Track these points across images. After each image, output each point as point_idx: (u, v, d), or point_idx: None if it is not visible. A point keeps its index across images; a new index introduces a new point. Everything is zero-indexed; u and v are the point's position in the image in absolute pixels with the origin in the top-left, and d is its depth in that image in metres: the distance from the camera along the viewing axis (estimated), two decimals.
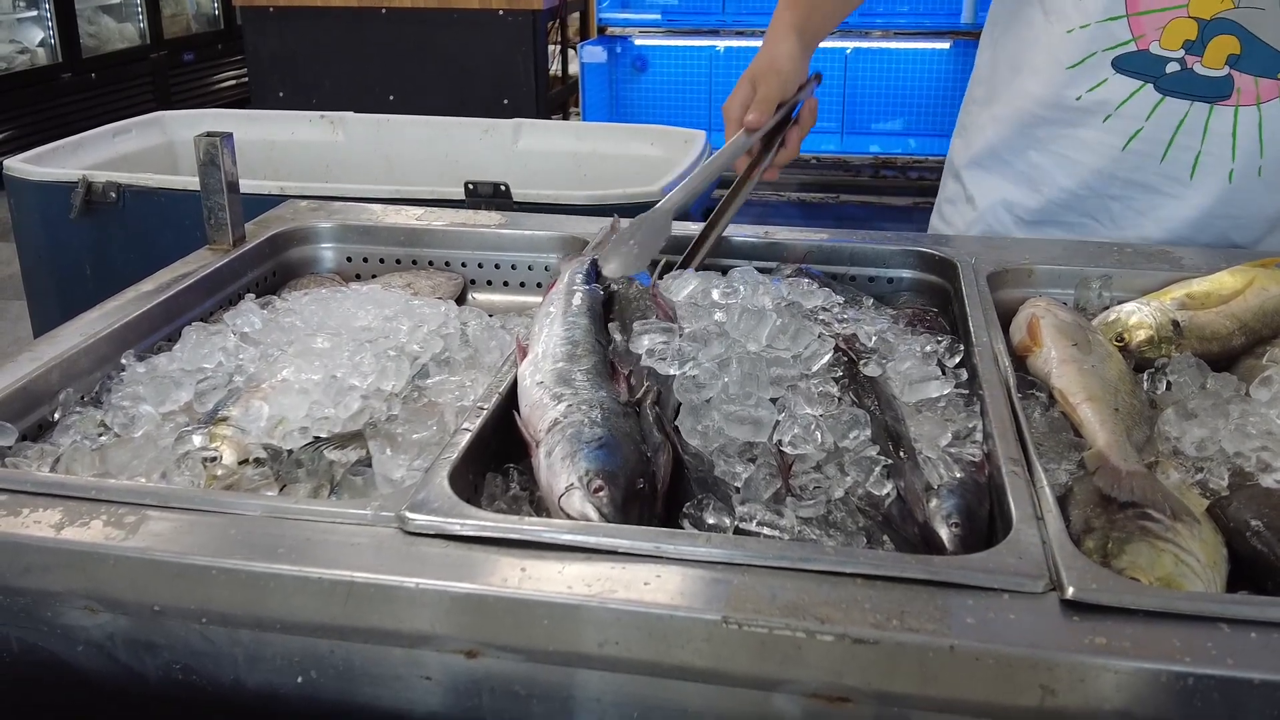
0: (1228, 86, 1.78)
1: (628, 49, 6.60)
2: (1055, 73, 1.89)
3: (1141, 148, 1.85)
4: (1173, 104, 1.81)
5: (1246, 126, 1.80)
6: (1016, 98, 1.97)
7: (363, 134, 3.62)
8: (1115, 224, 1.93)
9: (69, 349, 1.42)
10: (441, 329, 1.51)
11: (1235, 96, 1.78)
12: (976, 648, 0.90)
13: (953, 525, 1.10)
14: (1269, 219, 1.88)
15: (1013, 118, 1.98)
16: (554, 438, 1.15)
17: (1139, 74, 1.82)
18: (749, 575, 0.98)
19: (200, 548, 1.03)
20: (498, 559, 1.01)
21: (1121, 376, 1.36)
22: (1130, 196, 1.90)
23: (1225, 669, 0.88)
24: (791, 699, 0.95)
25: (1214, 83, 1.78)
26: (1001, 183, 2.02)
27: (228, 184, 1.75)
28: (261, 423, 1.28)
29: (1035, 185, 1.97)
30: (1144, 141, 1.85)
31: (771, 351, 1.35)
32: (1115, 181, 1.90)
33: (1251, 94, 1.78)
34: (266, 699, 1.05)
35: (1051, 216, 1.97)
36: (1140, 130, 1.84)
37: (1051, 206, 1.96)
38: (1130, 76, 1.82)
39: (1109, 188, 1.91)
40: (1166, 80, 1.80)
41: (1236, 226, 1.88)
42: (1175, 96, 1.80)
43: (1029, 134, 1.96)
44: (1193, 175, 1.84)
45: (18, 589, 1.07)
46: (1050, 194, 1.96)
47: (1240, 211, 1.86)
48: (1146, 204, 1.89)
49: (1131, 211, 1.91)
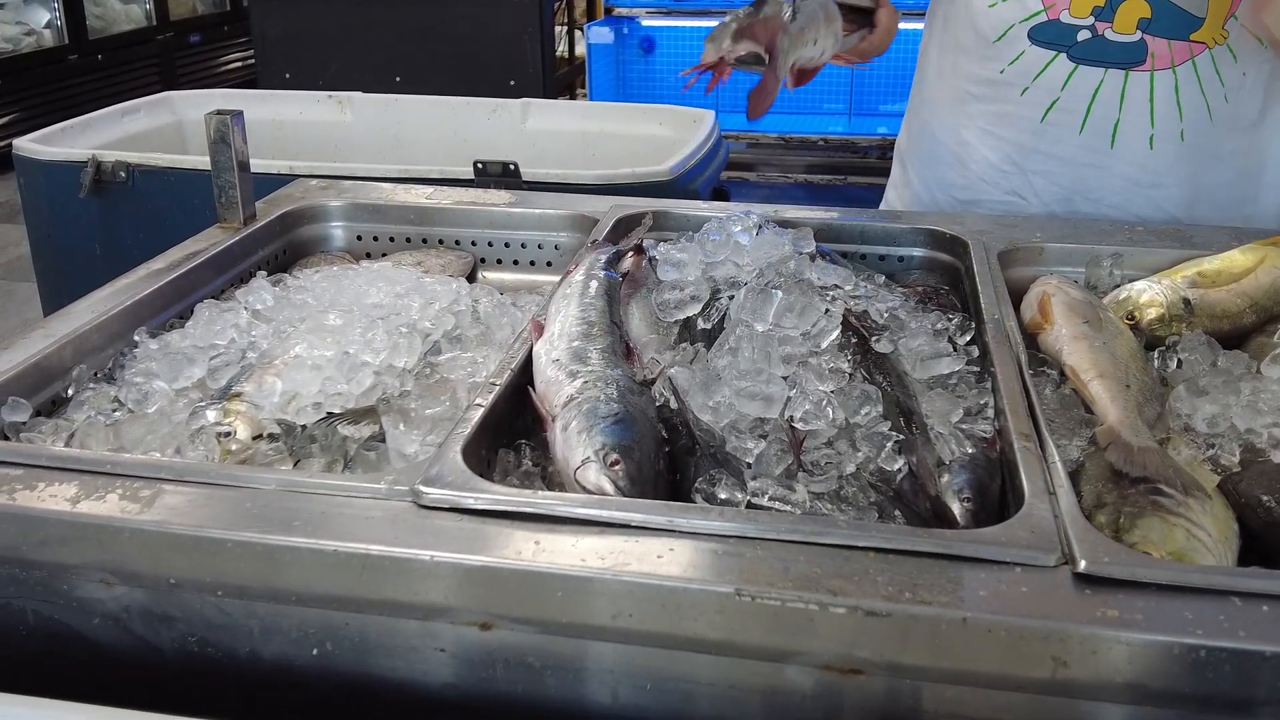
0: (1141, 51, 1.76)
1: (635, 29, 6.58)
2: (982, 48, 1.88)
3: (1060, 119, 1.84)
4: (1087, 72, 1.79)
5: (1164, 91, 1.77)
6: (951, 77, 1.97)
7: (371, 114, 3.62)
8: (1040, 199, 1.91)
9: (82, 326, 1.43)
10: (453, 306, 1.52)
11: (1150, 61, 1.76)
12: (989, 620, 0.91)
13: (964, 500, 1.11)
14: (1199, 184, 1.85)
15: (947, 97, 1.98)
16: (570, 413, 1.15)
17: (1052, 44, 1.80)
18: (762, 549, 0.99)
19: (216, 521, 1.04)
20: (512, 532, 1.01)
21: (1132, 354, 1.36)
22: (1052, 171, 1.88)
23: (1237, 641, 0.88)
24: (804, 671, 0.95)
25: (1127, 48, 1.76)
26: (937, 164, 2.02)
27: (238, 162, 1.75)
28: (275, 398, 1.28)
29: (964, 163, 1.96)
30: (1061, 112, 1.83)
31: (780, 329, 1.36)
32: (1037, 155, 1.88)
33: (1166, 58, 1.76)
34: (282, 671, 1.06)
35: (980, 194, 1.96)
36: (1057, 101, 1.82)
37: (979, 184, 1.95)
38: (1044, 47, 1.81)
39: (1030, 162, 1.89)
40: (1079, 48, 1.78)
41: (1167, 196, 1.85)
42: (1089, 64, 1.78)
43: (960, 111, 1.95)
44: (1113, 144, 1.82)
45: (34, 562, 1.07)
46: (978, 170, 1.94)
47: (1168, 179, 1.84)
48: (1070, 178, 1.87)
49: (1056, 186, 1.89)
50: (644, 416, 1.18)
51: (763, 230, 1.58)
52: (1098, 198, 1.87)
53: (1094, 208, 1.88)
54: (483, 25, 5.20)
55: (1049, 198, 1.90)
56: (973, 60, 1.91)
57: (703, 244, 1.55)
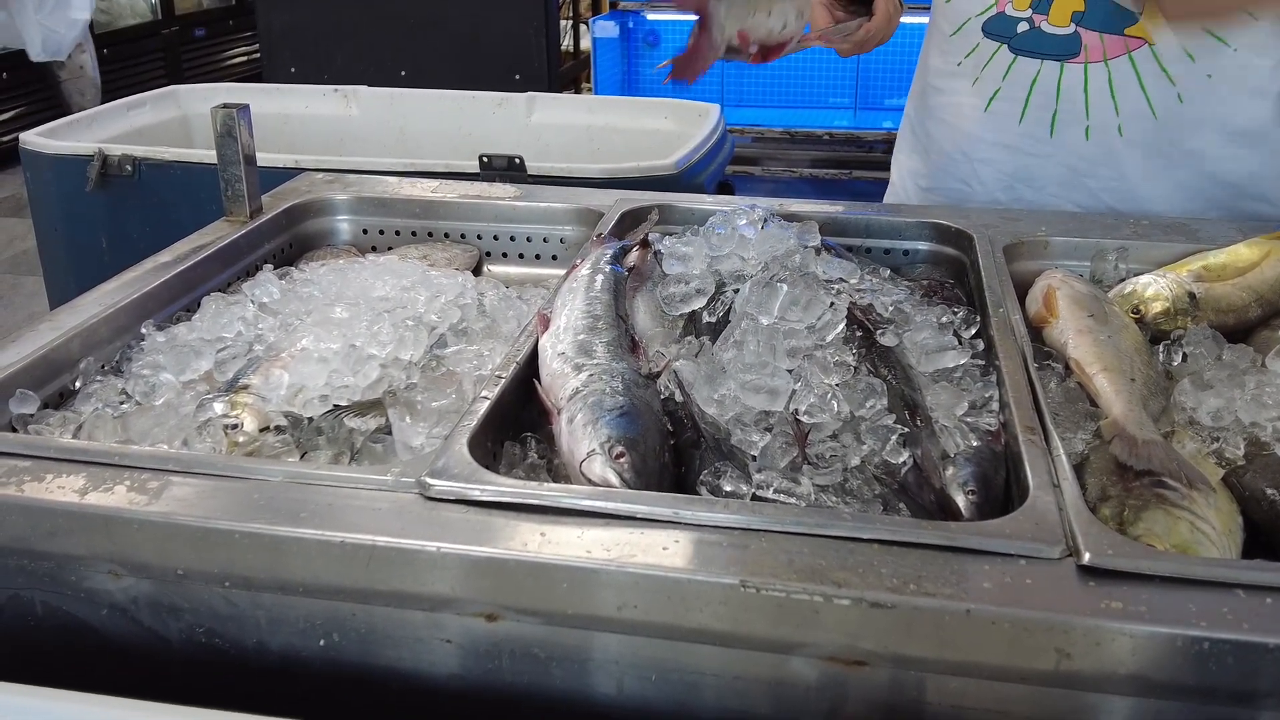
0: (1075, 44, 1.80)
1: (640, 23, 6.57)
2: (943, 42, 1.94)
3: (1001, 108, 1.88)
4: (1025, 63, 1.84)
5: (1098, 83, 1.81)
6: (922, 71, 2.04)
7: (376, 107, 3.62)
8: (986, 188, 1.95)
9: (89, 318, 1.43)
10: (459, 299, 1.52)
11: (1083, 54, 1.80)
12: (993, 612, 0.91)
13: (969, 493, 1.11)
14: (1146, 176, 1.86)
15: (919, 92, 2.05)
16: (575, 405, 1.16)
17: (997, 35, 1.85)
18: (766, 540, 0.99)
19: (224, 512, 1.04)
20: (518, 524, 1.02)
21: (1137, 347, 1.36)
22: (995, 159, 1.92)
23: (1241, 633, 0.89)
24: (808, 662, 0.96)
25: (1061, 40, 1.80)
26: (910, 156, 2.09)
27: (245, 156, 1.75)
28: (282, 391, 1.29)
29: (926, 152, 2.03)
30: (1003, 101, 1.88)
31: (784, 324, 1.36)
32: (982, 144, 1.93)
33: (1098, 50, 1.79)
34: (289, 661, 1.07)
35: (938, 183, 2.02)
36: (999, 90, 1.87)
37: (936, 173, 2.01)
38: (992, 39, 1.86)
39: (976, 150, 1.93)
40: (1018, 40, 1.83)
41: (1105, 188, 1.88)
42: (1026, 55, 1.83)
43: (925, 104, 2.02)
44: (1052, 134, 1.86)
45: (42, 553, 1.08)
46: (935, 160, 2.01)
47: (1106, 171, 1.87)
48: (1013, 166, 1.91)
49: (1001, 175, 1.93)
50: (649, 409, 1.18)
51: (768, 224, 1.58)
52: (1039, 186, 1.91)
53: (1037, 196, 1.92)
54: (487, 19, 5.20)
55: (994, 185, 1.95)
56: (935, 54, 1.99)
57: (708, 238, 1.56)
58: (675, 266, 1.50)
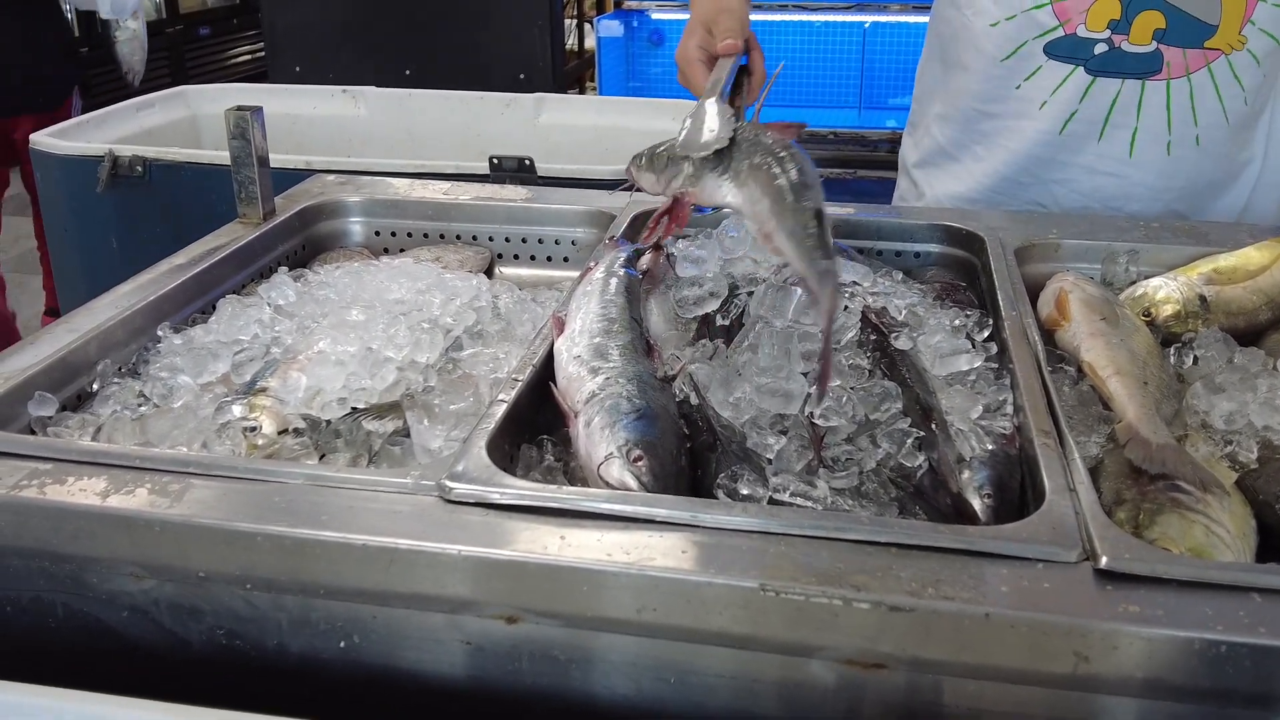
0: (1157, 61, 1.80)
1: (644, 23, 6.57)
2: (989, 67, 1.91)
3: (1078, 129, 1.88)
4: (1104, 84, 1.83)
5: (1179, 99, 1.82)
6: (956, 96, 2.00)
7: (384, 108, 3.62)
8: (1060, 207, 1.95)
9: (106, 321, 1.44)
10: (473, 302, 1.53)
11: (1165, 70, 1.80)
12: (1011, 615, 0.92)
13: (985, 496, 1.11)
14: (1210, 183, 1.90)
15: (956, 116, 2.01)
16: (592, 409, 1.16)
17: (1069, 58, 1.84)
18: (785, 544, 1.00)
19: (245, 514, 1.05)
20: (537, 527, 1.02)
21: (1149, 350, 1.37)
22: (1072, 179, 1.92)
23: (1257, 637, 0.89)
24: (827, 665, 0.96)
25: (1142, 59, 1.80)
26: (949, 179, 2.05)
27: (258, 158, 1.76)
28: (299, 393, 1.29)
29: (977, 178, 2.00)
30: (1080, 123, 1.87)
31: (799, 326, 1.37)
32: (1055, 165, 1.92)
33: (1181, 66, 1.80)
34: (309, 663, 1.07)
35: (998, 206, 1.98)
36: (1075, 113, 1.86)
37: (994, 197, 1.98)
38: (1061, 61, 1.84)
39: (1050, 172, 1.93)
40: (1095, 61, 1.82)
41: (1180, 197, 1.90)
42: (1106, 76, 1.83)
43: (973, 129, 1.99)
44: (1131, 153, 1.87)
45: (64, 555, 1.09)
46: (992, 184, 1.98)
47: (1183, 182, 1.88)
48: (1089, 185, 1.91)
49: (1075, 194, 1.93)
50: (666, 413, 1.19)
51: None
52: (1117, 206, 1.91)
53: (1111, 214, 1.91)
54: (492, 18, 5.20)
55: (1069, 204, 1.94)
56: (977, 80, 1.94)
57: (721, 240, 1.56)
58: (689, 269, 1.51)
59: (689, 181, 1.38)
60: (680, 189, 1.39)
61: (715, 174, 1.34)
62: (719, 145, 1.35)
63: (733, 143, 1.35)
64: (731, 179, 1.33)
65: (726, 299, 1.46)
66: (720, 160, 1.34)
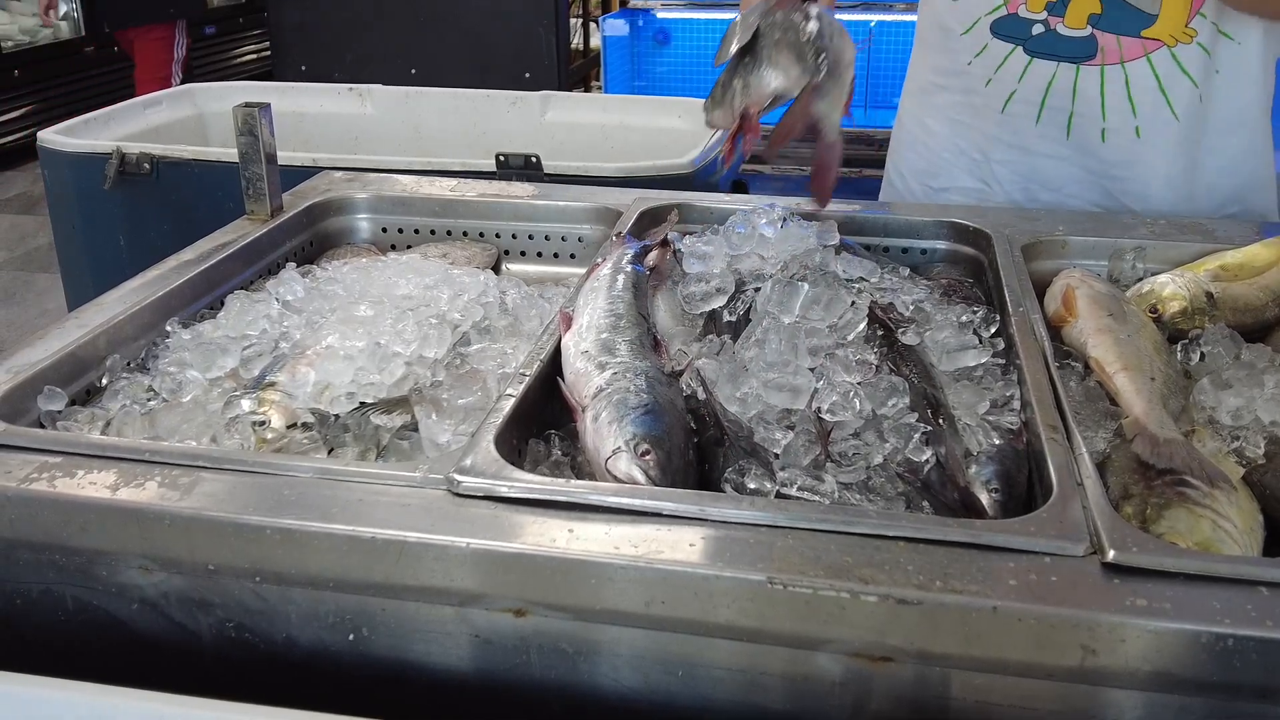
0: (1091, 46, 1.80)
1: (650, 22, 6.57)
2: (948, 40, 1.93)
3: (1018, 110, 1.89)
4: (1041, 65, 1.84)
5: (1114, 85, 1.81)
6: (919, 70, 2.04)
7: (390, 106, 3.63)
8: (1003, 188, 1.96)
9: (115, 316, 1.45)
10: (481, 297, 1.53)
11: (1100, 56, 1.80)
12: (1019, 608, 0.92)
13: (992, 491, 1.12)
14: (1162, 178, 1.87)
15: (916, 89, 2.05)
16: (600, 403, 1.17)
17: (1011, 37, 1.85)
18: (792, 538, 1.00)
19: (254, 508, 1.05)
20: (546, 520, 1.03)
21: (1156, 347, 1.37)
22: (1013, 160, 1.93)
23: (1265, 630, 0.89)
24: (834, 658, 0.96)
25: (1078, 43, 1.81)
26: (908, 153, 2.08)
27: (266, 155, 1.76)
28: (308, 388, 1.30)
29: (934, 150, 2.02)
30: (1019, 103, 1.88)
31: (806, 322, 1.37)
32: (999, 144, 1.93)
33: (1115, 53, 1.80)
34: (318, 656, 1.08)
35: (951, 181, 2.02)
36: (1014, 92, 1.88)
37: (951, 169, 2.00)
38: (1004, 40, 1.86)
39: (994, 151, 1.94)
40: (1034, 42, 1.83)
41: (1124, 189, 1.89)
42: (1042, 58, 1.83)
43: (928, 102, 2.01)
44: (1069, 135, 1.87)
45: (74, 548, 1.09)
46: (949, 158, 2.00)
47: (1123, 172, 1.88)
48: (1028, 167, 1.92)
49: (1017, 175, 1.94)
50: (673, 407, 1.19)
51: (787, 223, 1.59)
52: (1057, 187, 1.92)
53: (1054, 196, 1.93)
54: (498, 17, 5.21)
55: (1010, 186, 1.95)
56: (937, 52, 1.97)
57: (728, 237, 1.57)
58: (695, 265, 1.51)
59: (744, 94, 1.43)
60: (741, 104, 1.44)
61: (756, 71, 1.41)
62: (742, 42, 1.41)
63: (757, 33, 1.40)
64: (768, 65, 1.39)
65: (733, 295, 1.47)
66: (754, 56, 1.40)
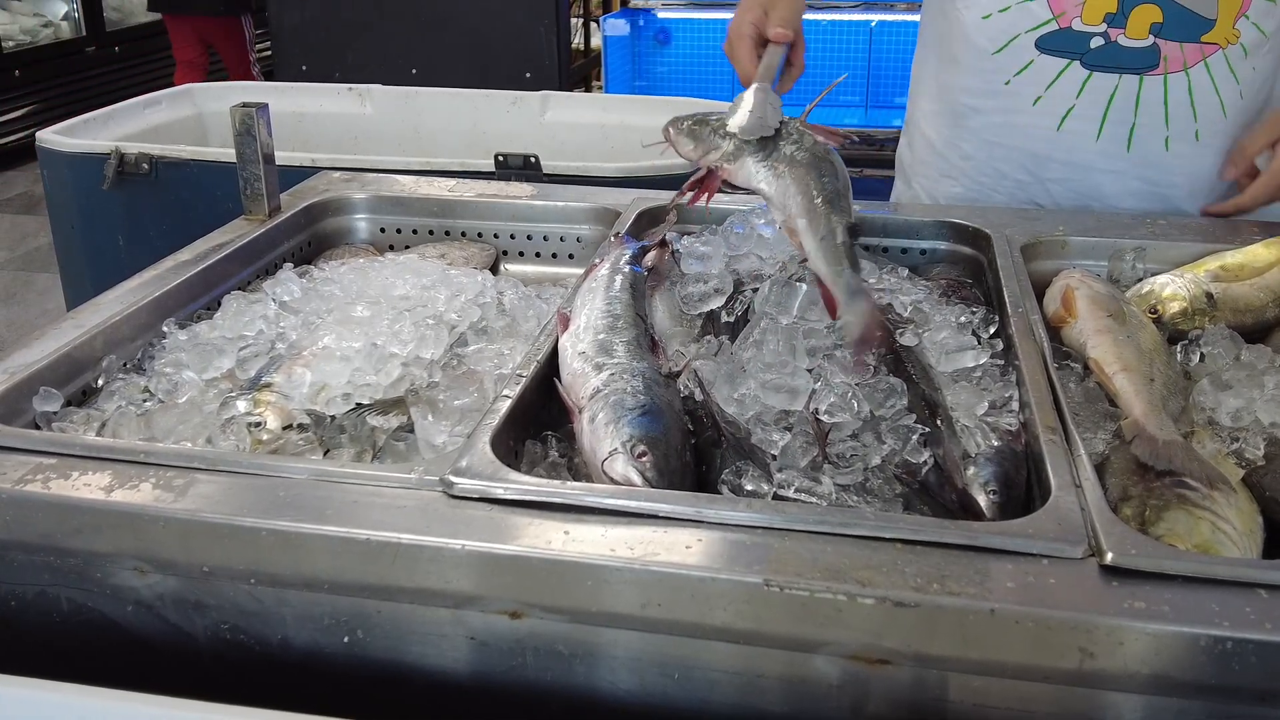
0: (1154, 56, 1.78)
1: (650, 21, 6.56)
2: (979, 60, 1.88)
3: (1076, 126, 1.85)
4: (1101, 79, 1.80)
5: (1177, 93, 1.79)
6: (946, 91, 1.97)
7: (390, 106, 3.62)
8: (1057, 205, 1.92)
9: (111, 317, 1.44)
10: (478, 298, 1.53)
11: (1163, 65, 1.78)
12: (1017, 611, 0.91)
13: (990, 492, 1.11)
14: (1209, 179, 1.87)
15: (945, 112, 1.98)
16: (597, 405, 1.16)
17: (1064, 52, 1.81)
18: (789, 540, 1.00)
19: (249, 509, 1.05)
20: (541, 522, 1.02)
21: (1156, 347, 1.36)
22: (1070, 179, 1.89)
23: (1263, 633, 0.89)
24: (831, 661, 0.96)
25: (1140, 54, 1.78)
26: (942, 180, 2.02)
27: (264, 155, 1.76)
28: (304, 389, 1.29)
29: (971, 176, 1.97)
30: (1077, 120, 1.84)
31: (804, 323, 1.36)
32: (1052, 164, 1.89)
33: (1178, 60, 1.78)
34: (313, 658, 1.07)
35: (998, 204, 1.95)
36: (1072, 109, 1.84)
37: (991, 195, 1.95)
38: (1056, 55, 1.82)
39: (1047, 170, 1.90)
40: (1092, 55, 1.80)
41: (1181, 194, 1.88)
42: (1103, 71, 1.80)
43: (961, 126, 1.95)
44: (1129, 149, 1.84)
45: (68, 550, 1.09)
46: (989, 183, 1.95)
47: (1181, 179, 1.86)
48: (1087, 184, 1.89)
49: (1073, 193, 1.90)
50: (670, 408, 1.19)
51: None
52: (1115, 202, 1.89)
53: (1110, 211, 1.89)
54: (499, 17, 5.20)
55: (1066, 204, 1.92)
56: (968, 74, 1.92)
57: (726, 237, 1.56)
58: (694, 266, 1.51)
59: (727, 158, 1.41)
60: (717, 163, 1.42)
61: (755, 159, 1.38)
62: (765, 133, 1.38)
63: (777, 133, 1.38)
64: (770, 168, 1.37)
65: (731, 295, 1.46)
66: (763, 147, 1.38)
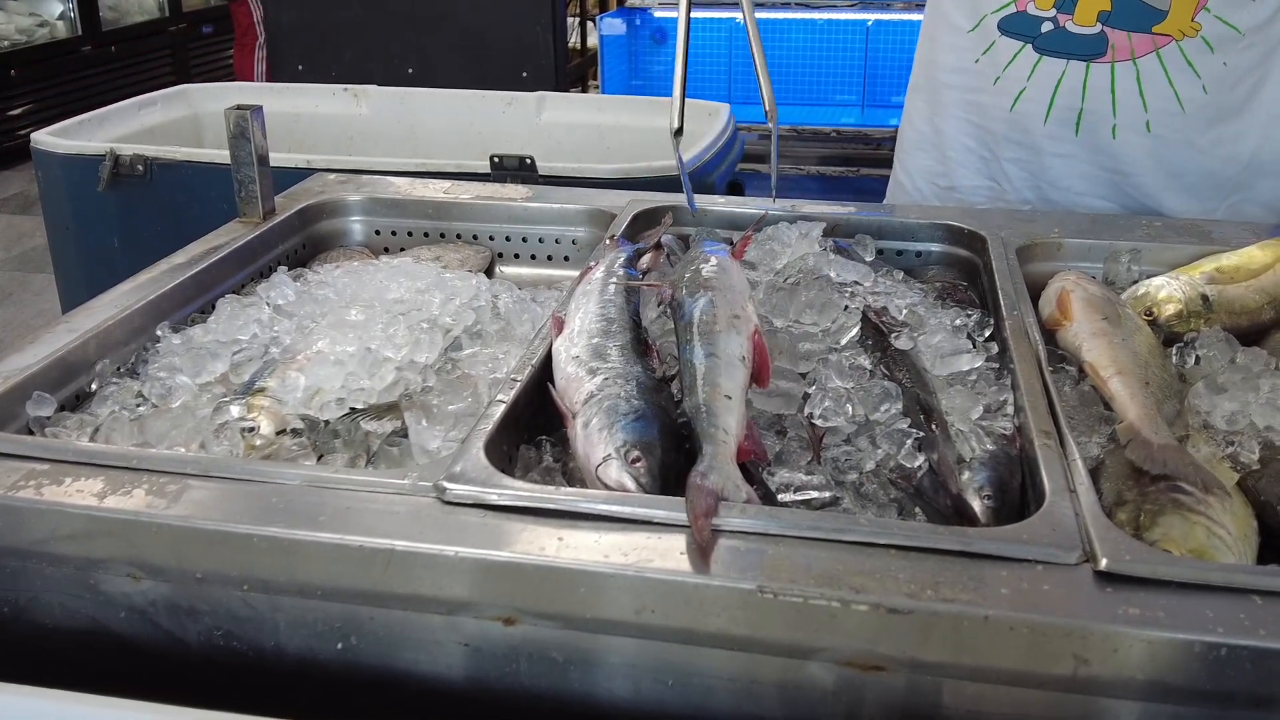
0: (1102, 44, 1.80)
1: (647, 21, 6.56)
2: (956, 38, 1.94)
3: (1026, 108, 1.89)
4: (1050, 63, 1.84)
5: (1125, 82, 1.82)
6: (929, 68, 2.03)
7: (385, 107, 3.62)
8: (1014, 186, 1.96)
9: (105, 320, 1.44)
10: (473, 301, 1.52)
11: (1110, 53, 1.81)
12: (1011, 617, 0.91)
13: (985, 497, 1.11)
14: (1171, 173, 1.88)
15: (926, 87, 2.04)
16: (590, 409, 1.16)
17: (1019, 35, 1.86)
18: (783, 545, 0.99)
19: (242, 515, 1.05)
20: (535, 528, 1.02)
21: (1151, 350, 1.36)
22: (1022, 159, 1.93)
23: (1258, 640, 0.89)
24: (825, 667, 0.96)
25: (1087, 40, 1.81)
26: (917, 152, 2.08)
27: (258, 157, 1.76)
28: (298, 394, 1.29)
29: (942, 150, 2.02)
30: (1028, 102, 1.88)
31: (799, 327, 1.36)
32: (1008, 143, 1.93)
33: (1126, 49, 1.80)
34: (306, 665, 1.07)
35: (958, 180, 2.02)
36: (1024, 90, 1.88)
37: (958, 169, 2.00)
38: (1013, 38, 1.86)
39: (1003, 150, 1.94)
40: (1043, 39, 1.83)
41: (1135, 185, 1.89)
42: (1052, 55, 1.84)
43: (936, 100, 2.01)
44: (1077, 133, 1.87)
45: (61, 556, 1.09)
46: (957, 157, 2.00)
47: (1133, 168, 1.88)
48: (1038, 166, 1.92)
49: (1026, 173, 1.94)
50: (664, 414, 1.18)
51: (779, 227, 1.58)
52: (1066, 185, 1.92)
53: (1064, 195, 1.93)
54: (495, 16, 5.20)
55: (1021, 185, 1.95)
56: (945, 50, 1.97)
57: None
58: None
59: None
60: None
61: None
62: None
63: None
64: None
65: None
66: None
